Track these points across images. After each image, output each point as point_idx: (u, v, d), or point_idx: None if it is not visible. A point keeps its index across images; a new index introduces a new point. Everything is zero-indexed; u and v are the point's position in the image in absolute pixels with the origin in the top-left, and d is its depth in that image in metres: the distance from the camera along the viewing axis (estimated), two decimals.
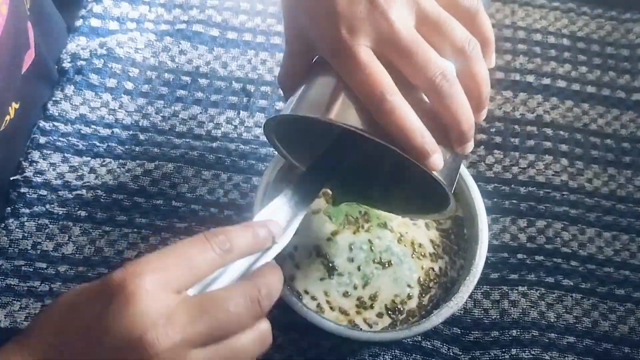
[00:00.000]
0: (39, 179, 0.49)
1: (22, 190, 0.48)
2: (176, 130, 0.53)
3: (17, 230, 0.47)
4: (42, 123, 0.51)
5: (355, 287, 0.43)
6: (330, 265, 0.43)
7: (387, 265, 0.44)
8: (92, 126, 0.52)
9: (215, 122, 0.54)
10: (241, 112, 0.54)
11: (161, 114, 0.54)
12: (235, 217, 0.49)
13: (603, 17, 0.63)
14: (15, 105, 0.44)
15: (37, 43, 0.47)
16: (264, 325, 0.30)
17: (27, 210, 0.48)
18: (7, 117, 0.43)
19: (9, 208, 0.48)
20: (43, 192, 0.48)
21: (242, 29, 0.58)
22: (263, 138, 0.53)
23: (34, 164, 0.49)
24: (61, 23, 0.57)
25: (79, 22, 0.57)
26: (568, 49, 0.61)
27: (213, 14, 0.59)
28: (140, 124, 0.53)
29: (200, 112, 0.54)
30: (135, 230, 0.48)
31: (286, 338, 0.46)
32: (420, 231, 0.46)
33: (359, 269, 0.44)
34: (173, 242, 0.47)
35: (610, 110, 0.58)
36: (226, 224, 0.48)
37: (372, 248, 0.44)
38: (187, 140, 0.53)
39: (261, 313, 0.30)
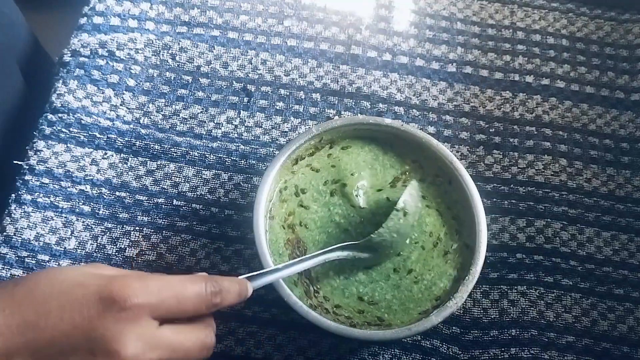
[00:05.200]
0: (42, 167, 0.50)
1: (27, 177, 0.49)
2: (177, 129, 0.53)
3: (22, 219, 0.48)
4: (49, 115, 0.52)
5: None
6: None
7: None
8: (94, 116, 0.52)
9: (215, 121, 0.54)
10: (241, 112, 0.55)
11: (162, 113, 0.54)
12: (236, 216, 0.50)
13: (602, 18, 0.63)
14: None
15: None
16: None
17: (29, 197, 0.49)
18: None
19: (13, 195, 0.49)
20: (45, 180, 0.49)
21: (243, 29, 0.59)
22: (263, 138, 0.54)
23: (39, 153, 0.50)
24: None
25: (83, 20, 0.57)
26: (567, 50, 0.61)
27: (214, 15, 0.59)
28: (142, 122, 0.53)
29: (201, 112, 0.54)
30: (137, 228, 0.49)
31: (286, 337, 0.46)
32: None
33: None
34: (173, 244, 0.48)
35: (609, 110, 0.58)
36: (226, 224, 0.49)
37: None
38: (188, 139, 0.53)
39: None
